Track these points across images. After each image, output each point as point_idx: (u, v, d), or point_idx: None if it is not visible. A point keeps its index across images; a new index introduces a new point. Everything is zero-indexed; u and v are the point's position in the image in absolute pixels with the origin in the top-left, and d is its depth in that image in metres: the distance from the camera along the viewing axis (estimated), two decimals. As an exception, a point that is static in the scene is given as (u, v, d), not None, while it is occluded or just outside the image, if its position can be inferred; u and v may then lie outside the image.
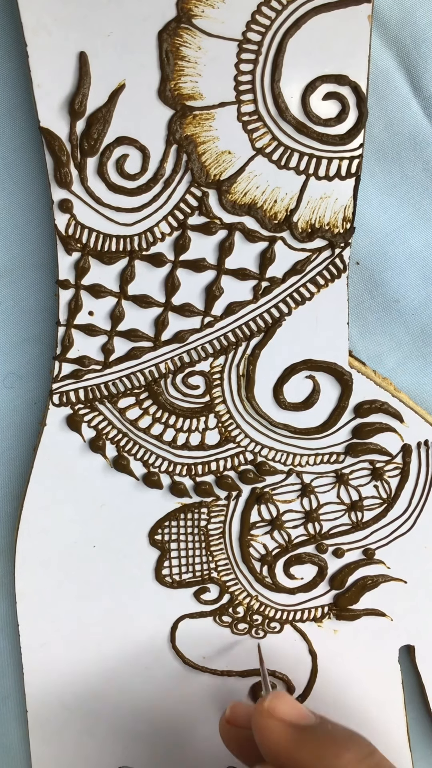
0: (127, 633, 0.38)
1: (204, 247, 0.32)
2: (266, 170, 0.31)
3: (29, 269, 0.35)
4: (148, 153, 0.31)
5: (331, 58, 0.30)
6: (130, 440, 0.35)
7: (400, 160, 0.34)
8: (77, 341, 0.34)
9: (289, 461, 0.36)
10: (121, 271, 0.33)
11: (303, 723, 0.29)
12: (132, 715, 0.39)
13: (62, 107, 0.30)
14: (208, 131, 0.31)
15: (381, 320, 0.36)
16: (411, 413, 0.35)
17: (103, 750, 0.39)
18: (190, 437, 0.35)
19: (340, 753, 0.28)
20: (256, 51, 0.30)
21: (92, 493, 0.36)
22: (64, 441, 0.35)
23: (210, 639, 0.38)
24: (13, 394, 0.36)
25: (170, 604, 0.38)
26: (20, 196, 0.34)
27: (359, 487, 0.36)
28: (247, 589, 0.37)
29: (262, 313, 0.33)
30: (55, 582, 0.37)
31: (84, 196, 0.32)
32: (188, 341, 0.34)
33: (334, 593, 0.38)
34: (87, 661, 0.38)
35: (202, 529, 0.37)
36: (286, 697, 0.30)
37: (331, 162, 0.31)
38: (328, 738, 0.28)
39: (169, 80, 0.30)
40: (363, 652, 0.38)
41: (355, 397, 0.35)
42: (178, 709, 0.39)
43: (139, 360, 0.34)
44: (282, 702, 0.30)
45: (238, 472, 0.36)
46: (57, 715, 0.39)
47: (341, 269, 0.33)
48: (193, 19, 0.29)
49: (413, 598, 0.37)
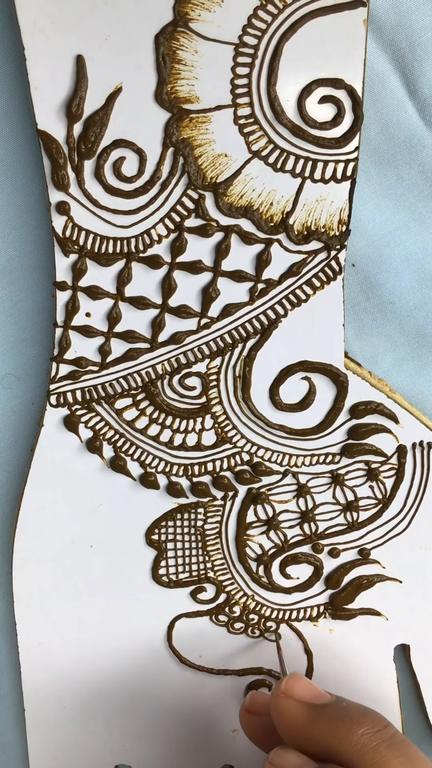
0: (124, 632, 0.38)
1: (200, 249, 0.33)
2: (262, 173, 0.31)
3: (26, 271, 0.35)
4: (144, 156, 0.31)
5: (327, 61, 0.30)
6: (127, 441, 0.35)
7: (396, 162, 0.34)
8: (74, 342, 0.34)
9: (285, 462, 0.36)
10: (118, 272, 0.33)
11: (318, 702, 0.30)
12: (129, 713, 0.39)
13: (59, 110, 0.31)
14: (205, 134, 0.31)
15: (376, 322, 0.36)
16: (406, 414, 0.35)
17: (100, 748, 0.39)
18: (187, 438, 0.35)
19: (354, 728, 0.28)
20: (253, 54, 0.30)
21: (89, 494, 0.36)
22: (61, 441, 0.35)
23: (206, 638, 0.38)
24: (11, 394, 0.36)
25: (167, 603, 0.38)
26: (18, 198, 0.34)
27: (355, 487, 0.36)
28: (243, 588, 0.38)
29: (258, 315, 0.34)
30: (52, 582, 0.37)
31: (81, 198, 0.32)
32: (185, 342, 0.34)
33: (329, 593, 0.38)
34: (84, 660, 0.38)
35: (199, 529, 0.37)
36: (301, 678, 0.31)
37: (326, 165, 0.31)
38: (343, 714, 0.29)
39: (166, 83, 0.30)
40: (358, 651, 0.38)
41: (350, 399, 0.35)
42: (176, 707, 0.39)
43: (136, 361, 0.34)
44: (298, 683, 0.31)
45: (235, 473, 0.36)
46: (54, 714, 0.39)
47: (337, 271, 0.33)
48: (189, 23, 0.30)
49: (408, 597, 0.38)
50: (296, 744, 0.29)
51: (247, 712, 0.34)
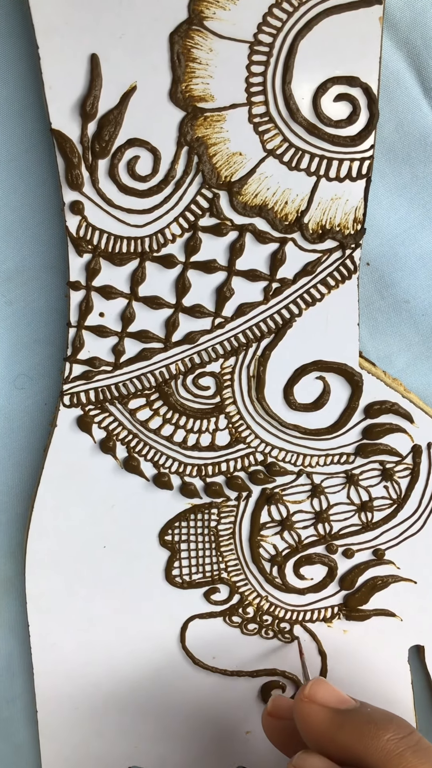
0: (137, 633, 0.38)
1: (215, 248, 0.33)
2: (277, 172, 0.31)
3: (39, 271, 0.35)
4: (159, 154, 0.31)
5: (342, 59, 0.30)
6: (140, 441, 0.35)
7: (411, 160, 0.34)
8: (88, 342, 0.34)
9: (299, 462, 0.36)
10: (132, 272, 0.33)
11: (343, 707, 0.30)
12: (141, 715, 0.39)
13: (74, 109, 0.31)
14: (219, 133, 0.31)
15: (391, 321, 0.36)
16: (421, 414, 0.35)
17: (112, 750, 0.39)
18: (201, 438, 0.35)
19: (379, 734, 0.28)
20: (268, 53, 0.30)
21: (103, 494, 0.36)
22: (74, 442, 0.35)
23: (220, 639, 0.38)
24: (24, 395, 0.37)
25: (180, 604, 0.38)
26: (31, 197, 0.34)
27: (369, 487, 0.36)
28: (257, 589, 0.38)
29: (272, 314, 0.34)
30: (65, 582, 0.37)
31: (95, 197, 0.32)
32: (199, 342, 0.34)
33: (344, 593, 0.38)
34: (97, 661, 0.38)
35: (212, 529, 0.37)
36: (325, 683, 0.31)
37: (341, 163, 0.31)
38: (368, 720, 0.29)
39: (181, 82, 0.30)
40: (372, 652, 0.38)
41: (365, 398, 0.35)
42: (188, 709, 0.39)
43: (150, 361, 0.34)
44: (322, 688, 0.31)
45: (249, 473, 0.36)
46: (66, 715, 0.39)
47: (352, 270, 0.33)
48: (204, 21, 0.30)
49: (423, 598, 0.38)
50: (320, 749, 0.29)
51: (269, 716, 0.34)
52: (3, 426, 0.37)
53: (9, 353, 0.36)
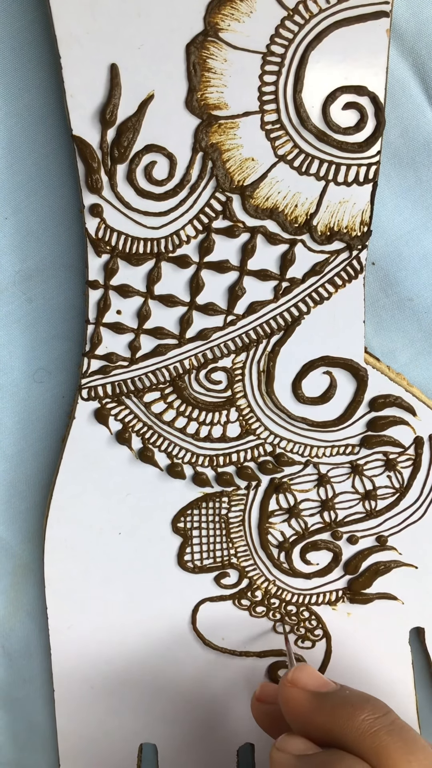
0: (150, 616, 0.39)
1: (227, 249, 0.34)
2: (288, 176, 0.33)
3: (59, 270, 0.36)
4: (175, 160, 0.32)
5: (351, 69, 0.31)
6: (155, 433, 0.37)
7: (415, 165, 0.35)
8: (105, 339, 0.35)
9: (306, 453, 0.37)
10: (148, 272, 0.34)
11: (323, 690, 0.31)
12: (154, 694, 0.40)
13: (94, 116, 0.32)
14: (233, 139, 0.32)
15: (395, 318, 0.37)
16: (423, 407, 0.37)
17: (125, 728, 0.41)
18: (213, 430, 0.37)
19: (355, 714, 0.29)
20: (280, 63, 0.31)
21: (118, 483, 0.37)
22: (91, 434, 0.36)
23: (229, 621, 0.39)
24: (43, 388, 0.38)
25: (192, 588, 0.39)
26: (52, 200, 0.35)
27: (373, 477, 0.37)
28: (265, 574, 0.39)
29: (282, 312, 0.35)
30: (82, 567, 0.38)
31: (114, 201, 0.33)
32: (211, 339, 0.35)
33: (348, 578, 0.39)
34: (112, 642, 0.39)
35: (223, 517, 0.38)
36: (308, 668, 0.32)
37: (349, 168, 0.33)
38: (344, 701, 0.30)
39: (196, 91, 0.31)
40: (375, 633, 0.40)
41: (370, 392, 0.36)
42: (198, 688, 0.40)
43: (165, 356, 0.35)
44: (304, 673, 0.32)
45: (258, 463, 0.37)
46: (82, 695, 0.40)
47: (358, 270, 0.34)
48: (219, 33, 0.31)
49: (424, 582, 0.39)
50: (302, 730, 0.30)
51: (257, 701, 0.35)
52: (22, 418, 0.38)
53: (29, 348, 0.37)
